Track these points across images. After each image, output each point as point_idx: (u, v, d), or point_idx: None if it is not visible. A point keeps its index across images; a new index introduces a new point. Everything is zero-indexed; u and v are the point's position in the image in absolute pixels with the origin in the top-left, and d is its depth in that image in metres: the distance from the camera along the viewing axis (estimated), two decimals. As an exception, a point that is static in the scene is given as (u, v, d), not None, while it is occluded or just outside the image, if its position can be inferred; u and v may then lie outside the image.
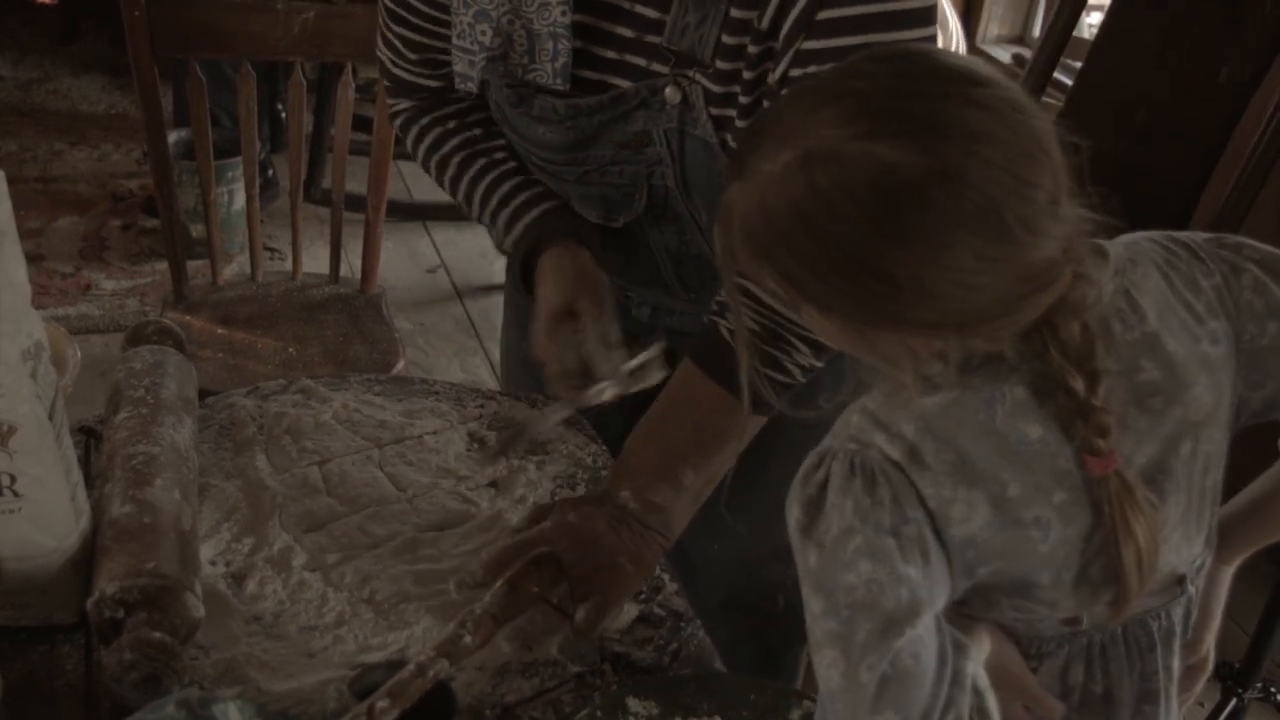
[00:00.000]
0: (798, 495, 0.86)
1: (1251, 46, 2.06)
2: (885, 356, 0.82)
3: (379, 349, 2.20)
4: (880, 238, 0.75)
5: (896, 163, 0.74)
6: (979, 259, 0.75)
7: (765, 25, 1.09)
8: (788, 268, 0.79)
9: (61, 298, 3.21)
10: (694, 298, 1.36)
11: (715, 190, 1.20)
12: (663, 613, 1.12)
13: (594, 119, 1.19)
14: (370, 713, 0.87)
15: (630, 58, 1.17)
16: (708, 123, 1.15)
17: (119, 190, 3.77)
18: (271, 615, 1.07)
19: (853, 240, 0.75)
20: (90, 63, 4.56)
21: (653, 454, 1.15)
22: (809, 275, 0.79)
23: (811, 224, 0.76)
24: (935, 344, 0.81)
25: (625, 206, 1.26)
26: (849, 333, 0.82)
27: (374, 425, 1.33)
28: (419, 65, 1.29)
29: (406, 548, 1.17)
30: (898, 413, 0.84)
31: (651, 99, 1.16)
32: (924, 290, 0.76)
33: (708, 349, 1.17)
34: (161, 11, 1.97)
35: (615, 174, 1.23)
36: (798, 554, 0.85)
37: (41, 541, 1.00)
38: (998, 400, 0.84)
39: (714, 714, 0.99)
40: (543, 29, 1.15)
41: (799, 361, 1.16)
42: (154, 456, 1.10)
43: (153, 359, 1.24)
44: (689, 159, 1.19)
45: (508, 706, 1.01)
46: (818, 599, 0.82)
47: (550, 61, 1.16)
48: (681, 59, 1.13)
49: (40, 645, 1.02)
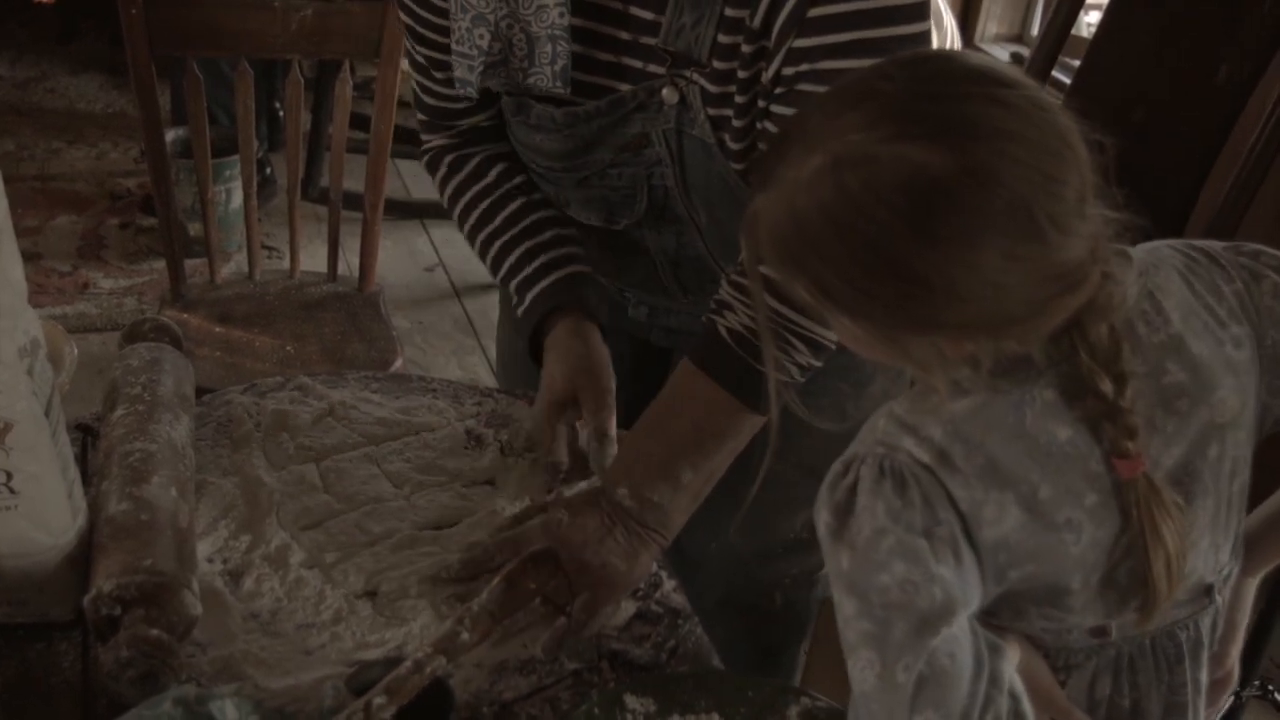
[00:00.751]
0: (826, 500, 0.86)
1: (1250, 46, 2.06)
2: (916, 361, 0.82)
3: (377, 347, 2.20)
4: (911, 238, 0.75)
5: (926, 163, 0.74)
6: (1009, 258, 0.75)
7: (757, 24, 1.09)
8: (818, 274, 0.79)
9: (59, 296, 3.20)
10: (692, 299, 1.36)
11: (714, 190, 1.20)
12: (660, 610, 1.12)
13: (592, 124, 1.19)
14: (367, 709, 0.87)
15: (627, 60, 1.17)
16: (705, 123, 1.15)
17: (117, 189, 3.77)
18: (269, 612, 1.07)
19: (884, 242, 0.75)
20: (88, 61, 4.55)
21: (651, 452, 1.15)
22: (840, 281, 0.79)
23: (842, 227, 0.76)
24: (966, 347, 0.81)
25: (626, 209, 1.26)
26: (880, 339, 0.82)
27: (371, 423, 1.33)
28: (446, 85, 1.28)
29: (404, 545, 1.16)
30: (925, 417, 0.84)
31: (649, 101, 1.16)
32: (955, 291, 0.76)
33: (707, 349, 1.17)
34: (159, 10, 1.97)
35: (615, 177, 1.23)
36: (829, 558, 0.84)
37: (38, 538, 1.00)
38: (1027, 403, 0.84)
39: (711, 711, 0.99)
40: (541, 32, 1.15)
41: (798, 361, 1.16)
42: (151, 454, 1.10)
43: (150, 356, 1.24)
44: (688, 159, 1.19)
45: (505, 703, 1.00)
46: (850, 600, 0.82)
47: (550, 65, 1.16)
48: (678, 60, 1.13)
49: (37, 642, 1.02)
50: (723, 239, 1.26)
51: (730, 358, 1.15)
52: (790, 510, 1.44)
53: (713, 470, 1.17)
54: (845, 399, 1.26)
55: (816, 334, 1.16)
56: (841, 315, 0.82)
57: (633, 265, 1.34)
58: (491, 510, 1.22)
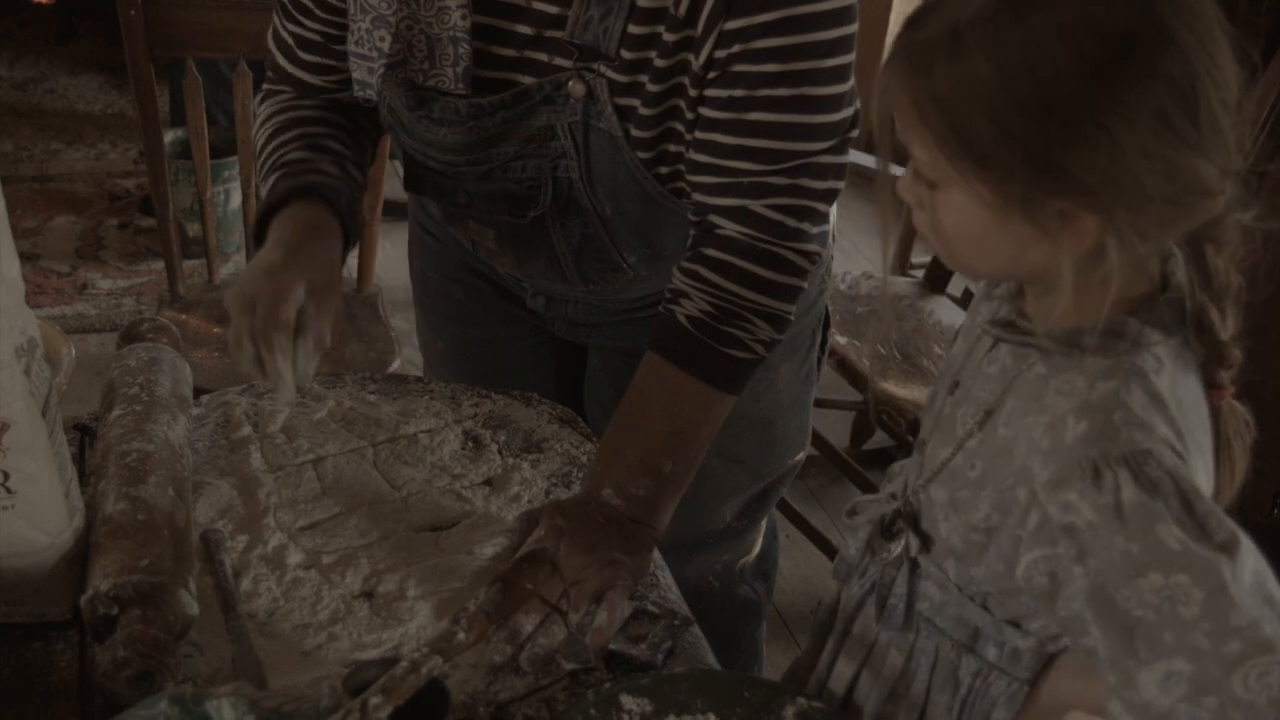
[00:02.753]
0: (1168, 515, 0.80)
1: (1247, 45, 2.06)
2: (1039, 230, 0.82)
3: (375, 348, 2.20)
4: (1082, 77, 0.77)
5: (1111, 7, 0.77)
6: (1164, 124, 0.77)
7: (682, 12, 1.09)
8: (965, 119, 0.80)
9: (58, 297, 3.20)
10: (591, 288, 1.37)
11: (619, 181, 1.20)
12: (657, 610, 1.12)
13: (496, 117, 1.19)
14: (363, 709, 0.87)
15: (531, 54, 1.17)
16: (612, 115, 1.15)
17: (116, 190, 3.76)
18: (266, 613, 1.07)
19: (1053, 79, 0.77)
20: (87, 62, 4.55)
21: (629, 448, 1.15)
22: (988, 122, 0.79)
23: (1010, 63, 0.78)
24: (1090, 234, 0.81)
25: (532, 202, 1.25)
26: (1007, 201, 0.81)
27: (369, 423, 1.33)
28: (310, 69, 1.28)
29: (401, 546, 1.17)
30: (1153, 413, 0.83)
31: (555, 94, 1.16)
32: (1105, 144, 0.77)
33: (671, 339, 1.17)
34: (157, 11, 1.97)
35: (518, 169, 1.23)
36: (1194, 567, 0.78)
37: (35, 538, 1.00)
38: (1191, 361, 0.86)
39: (708, 711, 0.99)
40: (442, 34, 1.15)
41: (760, 337, 1.18)
42: (148, 454, 1.10)
43: (147, 356, 1.24)
44: (594, 151, 1.19)
45: (501, 704, 1.00)
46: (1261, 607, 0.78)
47: (452, 66, 1.16)
48: (585, 53, 1.14)
49: (34, 642, 1.02)
50: (628, 228, 1.27)
51: (695, 345, 1.16)
52: (718, 500, 1.48)
53: (692, 458, 1.18)
54: (757, 382, 1.29)
55: (776, 309, 1.18)
56: (974, 174, 0.81)
57: (534, 256, 1.33)
58: (489, 511, 1.22)
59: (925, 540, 1.00)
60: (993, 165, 0.80)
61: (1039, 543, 0.85)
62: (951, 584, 0.98)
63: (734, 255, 1.17)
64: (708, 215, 1.19)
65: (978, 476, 0.93)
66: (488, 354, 1.57)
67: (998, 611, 0.96)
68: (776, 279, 1.18)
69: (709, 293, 1.17)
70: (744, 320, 1.17)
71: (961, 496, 0.94)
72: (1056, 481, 0.82)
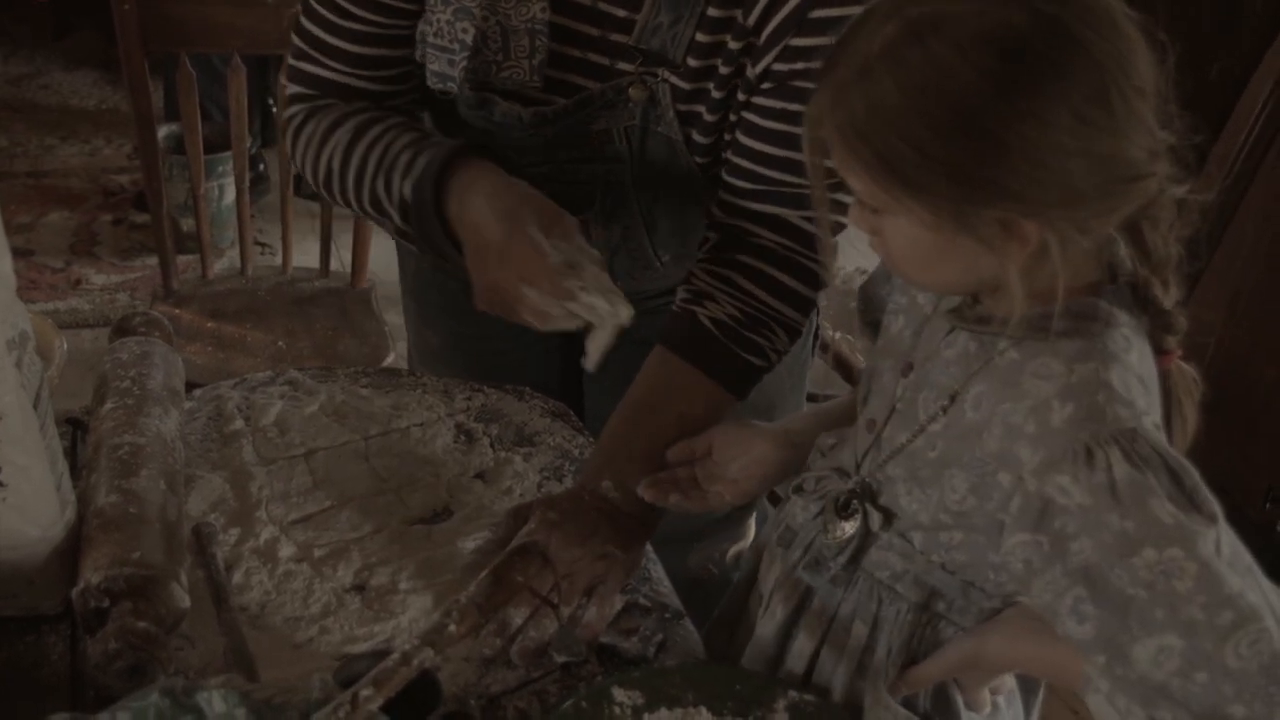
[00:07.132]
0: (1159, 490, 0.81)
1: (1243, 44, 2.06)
2: (985, 244, 0.82)
3: (369, 343, 2.20)
4: (991, 92, 0.77)
5: (1009, 18, 0.77)
6: (1081, 121, 0.78)
7: (751, 22, 1.09)
8: (886, 148, 0.81)
9: (52, 292, 3.20)
10: (619, 284, 1.37)
11: (669, 184, 1.20)
12: (649, 604, 1.12)
13: (558, 125, 1.19)
14: (354, 701, 0.87)
15: (593, 56, 1.17)
16: (673, 120, 1.15)
17: (110, 185, 3.76)
18: (257, 606, 1.07)
19: (962, 97, 0.78)
20: (81, 58, 4.54)
21: (634, 442, 1.15)
22: (910, 149, 0.80)
23: (919, 88, 0.79)
24: (1033, 236, 0.82)
25: (585, 205, 1.25)
26: (946, 220, 0.82)
27: (361, 417, 1.33)
28: (358, 69, 1.21)
29: (393, 539, 1.17)
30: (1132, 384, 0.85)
31: (616, 99, 1.16)
32: (1026, 150, 0.78)
33: (687, 337, 1.17)
34: (151, 6, 1.96)
35: (572, 174, 1.23)
36: (1187, 540, 0.79)
37: (26, 531, 0.99)
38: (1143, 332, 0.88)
39: (699, 705, 1.00)
40: (520, 25, 1.14)
41: (777, 347, 1.19)
42: (140, 447, 1.10)
43: (139, 350, 1.24)
44: (649, 155, 1.19)
45: (493, 697, 1.01)
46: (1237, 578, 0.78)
47: (527, 59, 1.16)
48: (650, 58, 1.13)
49: (26, 635, 1.02)
50: (668, 229, 1.27)
51: (716, 347, 1.16)
52: None
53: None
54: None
55: (795, 320, 1.19)
56: (906, 198, 0.82)
57: None
58: (481, 505, 1.22)
59: (887, 515, 1.00)
60: (921, 187, 0.81)
61: (1021, 528, 0.85)
62: (917, 553, 0.98)
63: (770, 265, 1.18)
64: (738, 219, 1.19)
65: (938, 456, 0.94)
66: (484, 348, 1.56)
67: (964, 576, 0.97)
68: (802, 290, 1.20)
69: (739, 299, 1.17)
70: (768, 329, 1.18)
71: (923, 475, 0.95)
72: (1047, 465, 0.83)
